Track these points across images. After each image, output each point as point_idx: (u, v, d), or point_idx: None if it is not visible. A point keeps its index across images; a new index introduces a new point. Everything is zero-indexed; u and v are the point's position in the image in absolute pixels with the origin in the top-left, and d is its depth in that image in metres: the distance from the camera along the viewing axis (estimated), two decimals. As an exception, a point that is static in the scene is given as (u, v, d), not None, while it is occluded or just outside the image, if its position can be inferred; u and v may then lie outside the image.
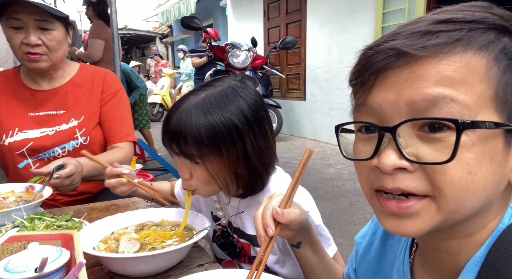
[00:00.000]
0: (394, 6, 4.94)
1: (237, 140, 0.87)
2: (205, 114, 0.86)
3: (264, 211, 0.67)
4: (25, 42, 1.30)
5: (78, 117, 1.45)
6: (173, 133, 0.87)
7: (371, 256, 0.70)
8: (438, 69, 0.42)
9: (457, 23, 0.43)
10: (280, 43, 3.33)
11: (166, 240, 0.92)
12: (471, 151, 0.42)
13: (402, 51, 0.44)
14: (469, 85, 0.42)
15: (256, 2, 7.87)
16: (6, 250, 0.73)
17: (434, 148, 0.43)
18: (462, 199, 0.43)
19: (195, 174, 0.91)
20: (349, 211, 3.25)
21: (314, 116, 6.48)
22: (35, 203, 1.07)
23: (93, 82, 1.51)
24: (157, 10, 15.43)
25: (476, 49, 0.42)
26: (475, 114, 0.42)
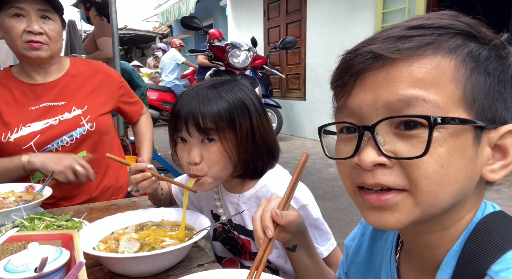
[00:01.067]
0: (394, 6, 4.94)
1: (247, 116, 0.95)
2: (219, 94, 0.94)
3: (263, 213, 0.68)
4: (28, 30, 1.33)
5: (82, 106, 1.47)
6: (192, 113, 0.92)
7: (361, 258, 0.71)
8: (411, 71, 0.46)
9: (428, 28, 0.47)
10: (280, 43, 3.33)
11: (166, 238, 0.92)
12: (443, 146, 0.45)
13: (378, 54, 0.47)
14: (439, 86, 0.45)
15: (256, 2, 7.88)
16: (6, 250, 0.73)
17: (409, 145, 0.46)
18: (437, 192, 0.47)
19: (207, 155, 0.94)
20: (349, 211, 3.25)
21: (314, 116, 6.48)
22: (35, 203, 1.07)
23: (89, 74, 1.55)
24: (157, 10, 15.43)
25: (445, 52, 0.46)
26: (445, 113, 0.45)
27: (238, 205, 1.04)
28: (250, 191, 1.03)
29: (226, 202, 1.08)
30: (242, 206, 1.03)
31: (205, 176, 0.96)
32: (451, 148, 0.45)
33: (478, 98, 0.46)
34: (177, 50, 9.17)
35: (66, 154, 1.35)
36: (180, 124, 0.94)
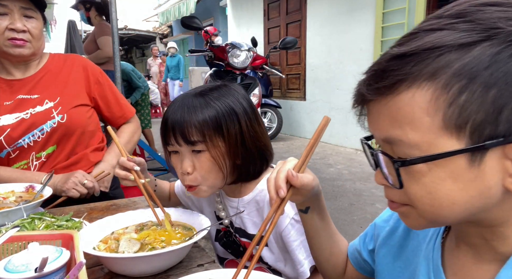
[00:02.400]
0: (394, 6, 4.94)
1: (235, 122, 0.94)
2: (206, 101, 0.94)
3: (278, 174, 0.67)
4: (11, 28, 1.33)
5: (54, 98, 1.44)
6: (177, 122, 0.92)
7: (394, 241, 0.71)
8: (388, 110, 0.48)
9: (410, 56, 0.46)
10: (280, 43, 3.33)
11: (167, 237, 0.92)
12: (427, 176, 0.47)
13: (362, 93, 0.51)
14: (412, 122, 0.46)
15: (256, 2, 7.88)
16: (6, 250, 0.73)
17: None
18: (434, 212, 0.49)
19: (199, 164, 0.94)
20: (349, 211, 3.25)
21: (314, 116, 6.48)
22: (35, 203, 1.07)
23: (66, 67, 1.52)
24: (157, 10, 15.42)
25: (422, 81, 0.45)
26: (427, 148, 0.46)
27: (238, 209, 1.04)
28: (249, 195, 1.03)
29: (227, 206, 1.09)
30: (242, 210, 1.03)
31: (200, 185, 0.96)
32: (436, 177, 0.47)
33: (473, 117, 0.43)
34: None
35: (74, 171, 1.36)
36: (168, 135, 0.95)
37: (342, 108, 5.91)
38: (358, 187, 3.91)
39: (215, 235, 1.15)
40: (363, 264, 0.82)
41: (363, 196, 3.64)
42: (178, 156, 0.97)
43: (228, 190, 1.08)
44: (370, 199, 3.56)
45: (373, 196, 3.65)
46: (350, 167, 4.71)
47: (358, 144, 5.69)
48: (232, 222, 1.07)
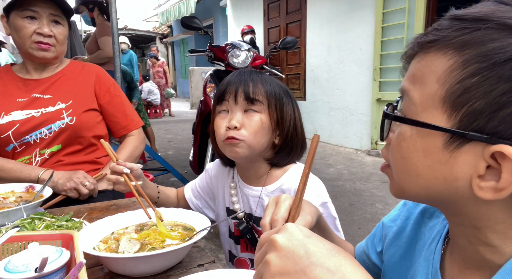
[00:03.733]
0: (394, 6, 4.94)
1: (291, 104, 1.04)
2: (270, 78, 1.04)
3: (273, 222, 0.62)
4: (38, 32, 1.40)
5: (66, 100, 1.49)
6: (245, 81, 0.99)
7: (402, 241, 0.70)
8: (413, 64, 0.49)
9: (459, 20, 0.45)
10: (280, 43, 3.32)
11: (167, 237, 0.92)
12: (406, 141, 0.49)
13: (407, 48, 0.51)
14: (423, 84, 0.46)
15: (256, 2, 7.88)
16: (6, 250, 0.73)
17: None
18: (402, 178, 0.51)
19: (248, 122, 0.98)
20: (349, 211, 3.25)
21: (314, 116, 6.48)
22: (35, 203, 1.07)
23: (83, 74, 1.58)
24: (157, 10, 15.43)
25: (449, 49, 0.44)
26: (419, 111, 0.47)
27: (261, 198, 1.05)
28: (274, 184, 1.05)
29: (248, 197, 1.09)
30: (265, 199, 1.04)
31: (242, 141, 0.98)
32: (412, 145, 0.48)
33: (472, 103, 0.42)
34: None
35: (76, 171, 1.38)
36: (228, 93, 1.00)
37: (342, 108, 5.91)
38: (358, 187, 3.91)
39: (228, 231, 1.15)
40: (371, 267, 0.81)
41: (363, 196, 3.64)
42: (224, 116, 1.01)
43: (252, 178, 1.09)
44: (370, 199, 3.56)
45: (373, 196, 3.65)
46: (350, 167, 4.71)
47: (358, 144, 5.69)
48: (251, 213, 1.08)
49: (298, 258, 0.43)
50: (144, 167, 4.18)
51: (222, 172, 1.18)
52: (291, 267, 0.43)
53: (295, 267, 0.43)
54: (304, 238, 0.45)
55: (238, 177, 1.13)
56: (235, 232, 1.13)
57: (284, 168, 1.07)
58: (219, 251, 2.57)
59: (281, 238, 0.45)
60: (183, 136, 7.20)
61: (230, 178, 1.15)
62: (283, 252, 0.44)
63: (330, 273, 0.41)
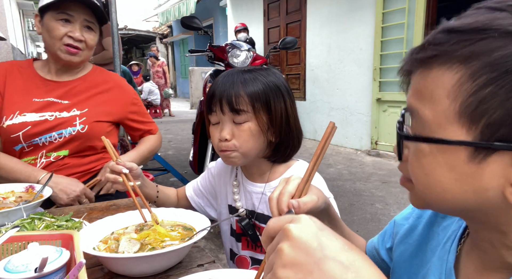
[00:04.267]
0: (394, 6, 4.94)
1: (281, 99, 1.01)
2: (255, 77, 1.00)
3: (280, 195, 0.64)
4: (70, 35, 1.41)
5: (82, 108, 1.48)
6: (226, 91, 0.97)
7: (413, 239, 0.70)
8: (417, 81, 0.48)
9: (456, 32, 0.43)
10: (280, 43, 3.32)
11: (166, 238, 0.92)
12: (427, 157, 0.47)
13: (404, 62, 0.50)
14: (432, 100, 0.45)
15: (256, 2, 7.88)
16: (6, 250, 0.73)
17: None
18: (427, 194, 0.50)
19: (238, 133, 0.99)
20: (349, 211, 3.26)
21: (314, 116, 6.48)
22: (35, 203, 1.07)
23: (104, 84, 1.57)
24: (157, 10, 15.43)
25: (454, 63, 0.43)
26: (435, 129, 0.45)
27: (264, 194, 1.06)
28: (277, 180, 1.05)
29: (251, 193, 1.09)
30: (268, 195, 1.04)
31: (235, 152, 1.00)
32: (434, 160, 0.46)
33: (490, 113, 0.41)
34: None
35: (75, 182, 1.39)
36: (214, 103, 0.99)
37: (342, 108, 5.91)
38: (358, 187, 3.91)
39: (229, 229, 1.16)
40: (380, 263, 0.81)
41: (363, 196, 3.64)
42: (217, 126, 1.02)
43: (255, 174, 1.10)
44: (370, 199, 3.56)
45: (373, 196, 3.65)
46: (350, 167, 4.71)
47: (358, 144, 5.69)
48: (253, 210, 1.08)
49: (311, 250, 0.42)
50: (144, 167, 4.18)
51: (224, 170, 1.19)
52: (304, 259, 0.42)
53: (308, 259, 0.42)
54: (317, 230, 0.44)
55: (241, 174, 1.14)
56: (237, 229, 1.13)
57: (287, 164, 1.08)
58: (219, 251, 2.57)
59: (295, 228, 0.44)
60: (183, 136, 7.20)
61: (233, 176, 1.16)
62: (296, 242, 0.43)
63: (343, 267, 0.41)
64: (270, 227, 0.48)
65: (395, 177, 4.23)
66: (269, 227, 0.48)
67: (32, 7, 13.32)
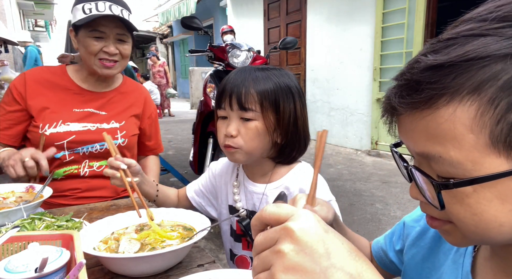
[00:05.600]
0: (394, 6, 4.94)
1: (291, 100, 1.00)
2: (267, 75, 1.00)
3: None
4: (105, 50, 1.43)
5: (120, 121, 1.54)
6: (236, 88, 0.98)
7: (425, 242, 0.69)
8: (425, 124, 0.43)
9: (449, 67, 0.41)
10: (280, 43, 3.32)
11: (166, 239, 0.92)
12: (471, 197, 0.43)
13: (393, 106, 0.46)
14: (455, 140, 0.41)
15: (256, 2, 7.88)
16: (6, 250, 0.73)
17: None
18: (479, 233, 0.45)
19: (244, 130, 0.99)
20: (349, 211, 3.26)
21: (314, 116, 6.48)
22: (35, 203, 1.07)
23: (135, 96, 1.64)
24: (157, 10, 15.44)
25: (464, 95, 0.40)
26: (470, 167, 0.42)
27: (265, 194, 1.06)
28: (279, 181, 1.06)
29: (252, 194, 1.09)
30: (269, 196, 1.05)
31: (239, 149, 1.00)
32: (482, 198, 0.42)
33: None
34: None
35: (26, 148, 1.31)
36: (223, 98, 1.00)
37: (342, 108, 5.91)
38: (358, 187, 3.91)
39: (229, 229, 1.16)
40: (388, 264, 0.81)
41: (363, 196, 3.64)
42: (225, 121, 1.02)
43: (257, 174, 1.10)
44: (370, 199, 3.56)
45: (373, 196, 3.65)
46: (350, 167, 4.72)
47: (358, 144, 5.70)
48: (254, 211, 1.09)
49: (317, 256, 0.40)
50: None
51: (226, 170, 1.19)
52: (309, 266, 0.39)
53: (313, 266, 0.39)
54: (323, 232, 0.41)
55: (243, 174, 1.14)
56: (237, 230, 1.13)
57: (289, 166, 1.08)
58: (219, 251, 2.57)
59: (299, 229, 0.41)
60: (183, 136, 7.20)
61: (234, 176, 1.16)
62: (301, 245, 0.40)
63: (351, 278, 0.39)
64: (267, 214, 0.44)
65: (395, 177, 4.23)
66: (265, 213, 0.44)
67: (32, 7, 13.32)
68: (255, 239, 0.44)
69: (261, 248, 0.43)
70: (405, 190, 3.77)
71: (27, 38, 8.06)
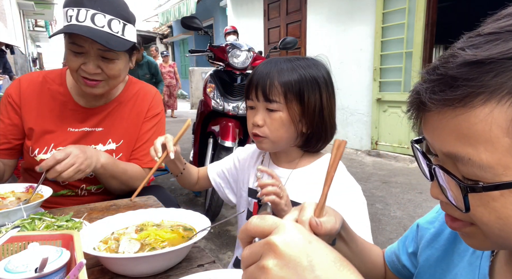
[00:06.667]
0: (394, 6, 4.94)
1: (316, 91, 1.02)
2: (293, 67, 1.02)
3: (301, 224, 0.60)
4: (83, 69, 1.24)
5: (117, 140, 1.40)
6: (262, 80, 1.01)
7: (439, 244, 0.68)
8: (457, 124, 0.41)
9: (490, 64, 0.38)
10: (280, 43, 3.32)
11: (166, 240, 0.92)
12: (498, 201, 0.41)
13: (423, 101, 0.43)
14: (488, 142, 0.39)
15: (256, 2, 7.88)
16: (7, 250, 0.73)
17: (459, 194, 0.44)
18: (503, 237, 0.44)
19: (270, 121, 1.03)
20: (349, 211, 3.25)
21: (314, 116, 6.48)
22: (35, 203, 1.07)
23: (138, 98, 1.46)
24: (157, 10, 15.44)
25: (503, 96, 0.38)
26: (501, 172, 0.40)
27: (290, 178, 1.08)
28: (305, 167, 1.09)
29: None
30: (293, 181, 1.07)
31: (266, 138, 1.04)
32: (509, 203, 0.41)
33: None
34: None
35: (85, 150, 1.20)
36: (251, 90, 1.04)
37: (342, 108, 5.91)
38: (358, 187, 3.91)
39: (247, 214, 1.17)
40: (401, 269, 0.80)
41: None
42: (253, 111, 1.06)
43: (284, 161, 1.12)
44: (370, 199, 3.56)
45: (373, 196, 3.64)
46: (350, 167, 4.71)
47: (358, 145, 5.69)
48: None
49: (301, 269, 0.39)
50: (144, 167, 4.17)
51: (251, 156, 1.22)
52: None
53: None
54: (305, 244, 0.41)
55: (269, 159, 1.17)
56: (254, 211, 1.14)
57: (316, 156, 1.12)
58: (219, 251, 2.57)
59: (281, 243, 0.41)
60: (183, 136, 7.19)
61: (259, 161, 1.19)
62: (284, 260, 0.40)
63: None
64: (251, 227, 0.45)
65: (395, 177, 4.23)
66: (250, 226, 0.45)
67: (32, 7, 13.33)
68: (242, 254, 0.45)
69: (247, 263, 0.44)
70: (405, 190, 3.77)
71: None
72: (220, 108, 2.99)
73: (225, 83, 3.11)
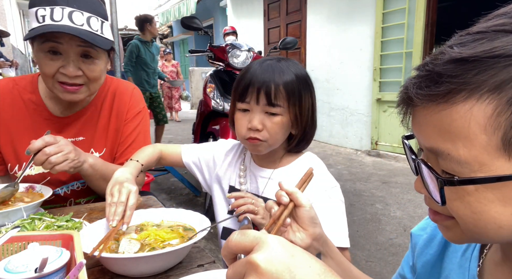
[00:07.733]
0: (394, 6, 4.94)
1: (308, 91, 1.03)
2: (288, 67, 1.01)
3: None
4: (62, 72, 1.12)
5: (100, 148, 1.31)
6: (264, 82, 0.97)
7: (433, 250, 0.68)
8: (439, 119, 0.42)
9: (473, 62, 0.39)
10: (280, 43, 3.32)
11: (166, 240, 0.92)
12: (473, 196, 0.42)
13: (410, 96, 0.44)
14: (467, 139, 0.40)
15: (256, 2, 7.88)
16: (6, 251, 0.73)
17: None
18: (477, 232, 0.45)
19: (270, 125, 1.00)
20: (349, 211, 3.25)
21: (314, 116, 6.48)
22: (35, 203, 1.07)
23: (115, 98, 1.36)
24: (157, 10, 15.43)
25: (484, 93, 0.39)
26: (477, 168, 0.41)
27: (271, 179, 1.09)
28: (286, 166, 1.10)
29: (257, 177, 1.12)
30: (274, 180, 1.08)
31: (264, 142, 1.02)
32: (483, 198, 0.42)
33: None
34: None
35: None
36: (250, 92, 0.99)
37: (342, 108, 5.91)
38: (358, 188, 3.91)
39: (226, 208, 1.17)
40: None
41: (363, 197, 3.64)
42: (245, 114, 1.03)
43: (265, 161, 1.12)
44: (370, 199, 3.56)
45: (373, 196, 3.65)
46: (350, 168, 4.71)
47: (358, 145, 5.69)
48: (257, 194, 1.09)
49: None
50: (144, 167, 4.17)
51: (234, 152, 1.21)
52: None
53: None
54: (288, 258, 0.41)
55: (250, 159, 1.16)
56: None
57: (296, 154, 1.12)
58: (219, 251, 2.57)
59: (263, 261, 0.40)
60: (183, 136, 7.20)
61: (240, 160, 1.18)
62: (267, 278, 0.40)
63: None
64: (233, 244, 0.44)
65: (395, 177, 4.23)
66: (231, 243, 0.44)
67: (32, 7, 13.29)
68: (226, 273, 0.45)
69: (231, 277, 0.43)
70: (405, 190, 3.77)
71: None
72: (220, 108, 2.99)
73: (225, 83, 3.11)
